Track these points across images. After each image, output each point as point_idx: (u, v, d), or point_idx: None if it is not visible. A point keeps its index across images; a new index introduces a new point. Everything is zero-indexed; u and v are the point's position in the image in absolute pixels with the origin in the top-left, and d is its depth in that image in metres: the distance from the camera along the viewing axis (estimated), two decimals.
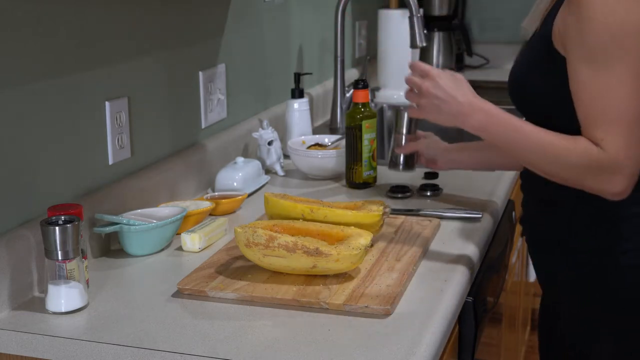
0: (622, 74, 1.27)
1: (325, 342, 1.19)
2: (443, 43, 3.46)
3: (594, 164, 1.31)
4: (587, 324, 1.48)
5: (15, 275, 1.32)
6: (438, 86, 1.43)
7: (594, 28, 1.27)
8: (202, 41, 1.94)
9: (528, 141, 1.37)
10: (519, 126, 1.38)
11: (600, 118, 1.29)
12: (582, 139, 1.32)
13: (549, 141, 1.35)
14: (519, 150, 1.39)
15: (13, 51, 1.34)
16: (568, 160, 1.33)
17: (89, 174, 1.55)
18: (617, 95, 1.28)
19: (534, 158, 1.38)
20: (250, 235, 1.37)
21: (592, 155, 1.30)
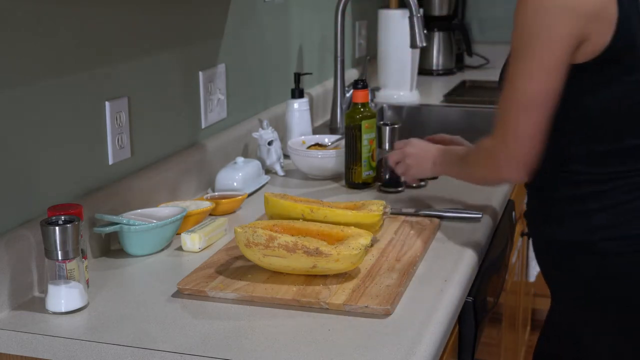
0: (524, 68, 1.39)
1: (325, 342, 1.19)
2: (443, 43, 3.46)
3: (486, 153, 1.48)
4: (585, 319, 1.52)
5: (15, 275, 1.32)
6: (415, 146, 1.74)
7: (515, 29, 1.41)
8: (202, 41, 1.94)
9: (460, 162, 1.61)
10: (457, 154, 1.62)
11: (502, 108, 1.44)
12: (483, 138, 1.49)
13: (466, 152, 1.59)
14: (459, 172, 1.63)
15: (13, 51, 1.34)
16: (474, 159, 1.54)
17: (89, 174, 1.55)
18: (515, 85, 1.41)
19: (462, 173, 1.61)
20: (250, 235, 1.37)
21: (484, 146, 1.48)
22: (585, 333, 1.53)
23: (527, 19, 1.37)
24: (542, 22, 1.36)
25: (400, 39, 2.75)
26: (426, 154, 1.70)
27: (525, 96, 1.39)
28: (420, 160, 1.70)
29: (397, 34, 2.80)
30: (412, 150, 1.72)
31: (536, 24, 1.36)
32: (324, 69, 2.75)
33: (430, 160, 1.68)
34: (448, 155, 1.65)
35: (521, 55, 1.39)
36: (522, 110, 1.40)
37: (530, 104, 1.39)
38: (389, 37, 2.85)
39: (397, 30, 2.79)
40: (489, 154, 1.47)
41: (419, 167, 1.71)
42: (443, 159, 1.66)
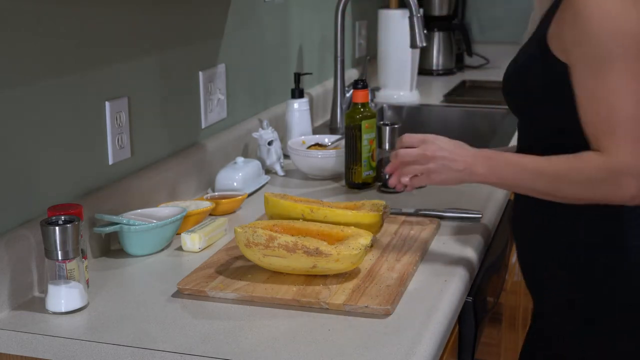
0: (622, 76, 1.27)
1: (325, 342, 1.19)
2: (443, 43, 3.46)
3: (606, 173, 1.30)
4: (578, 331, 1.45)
5: (15, 275, 1.32)
6: (441, 147, 1.43)
7: (592, 34, 1.28)
8: (202, 41, 1.94)
9: (538, 175, 1.37)
10: (522, 162, 1.39)
11: (607, 124, 1.29)
12: (586, 154, 1.32)
13: (557, 168, 1.35)
14: (531, 185, 1.38)
15: (13, 51, 1.34)
16: (581, 178, 1.33)
17: (89, 174, 1.55)
18: (620, 98, 1.28)
19: (549, 189, 1.37)
20: (250, 235, 1.37)
21: (602, 165, 1.30)
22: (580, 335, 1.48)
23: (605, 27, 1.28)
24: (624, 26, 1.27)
25: (400, 39, 2.75)
26: (457, 156, 1.42)
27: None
28: (449, 164, 1.42)
29: (397, 34, 2.80)
30: (437, 150, 1.43)
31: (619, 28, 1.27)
32: (324, 69, 2.75)
33: (462, 163, 1.41)
34: (503, 162, 1.40)
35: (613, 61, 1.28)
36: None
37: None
38: (389, 37, 2.85)
39: (397, 30, 2.79)
40: (614, 173, 1.30)
41: (445, 174, 1.43)
42: (491, 164, 1.41)
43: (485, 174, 1.40)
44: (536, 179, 1.37)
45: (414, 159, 1.44)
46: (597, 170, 1.31)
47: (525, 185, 1.39)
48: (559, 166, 1.35)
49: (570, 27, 1.30)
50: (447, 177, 1.43)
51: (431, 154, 1.43)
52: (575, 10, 1.29)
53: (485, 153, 1.42)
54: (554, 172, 1.35)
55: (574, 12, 1.29)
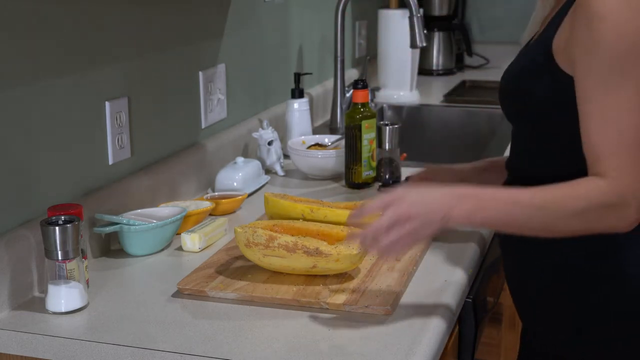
0: (634, 96, 1.19)
1: (325, 342, 1.19)
2: (443, 43, 3.46)
3: (605, 201, 1.20)
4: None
5: (15, 275, 1.32)
6: (413, 202, 1.23)
7: (605, 43, 1.19)
8: (202, 41, 1.94)
9: (529, 208, 1.23)
10: (511, 196, 1.24)
11: (614, 145, 1.20)
12: (582, 181, 1.22)
13: (551, 198, 1.22)
14: (522, 220, 1.24)
15: (13, 51, 1.34)
16: (577, 208, 1.21)
17: (89, 174, 1.55)
18: (629, 121, 1.19)
19: (542, 223, 1.24)
20: (250, 235, 1.37)
21: (600, 193, 1.20)
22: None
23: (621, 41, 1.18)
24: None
25: (400, 39, 2.75)
26: (433, 205, 1.23)
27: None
28: (429, 217, 1.22)
29: (397, 34, 2.80)
30: (410, 207, 1.22)
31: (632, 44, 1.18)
32: (324, 69, 2.75)
33: (439, 210, 1.22)
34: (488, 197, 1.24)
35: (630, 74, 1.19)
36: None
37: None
38: (389, 37, 2.85)
39: (397, 30, 2.79)
40: (613, 201, 1.20)
41: (427, 229, 1.23)
42: (474, 203, 1.23)
43: (469, 214, 1.23)
44: (530, 213, 1.23)
45: (389, 225, 1.22)
46: (600, 195, 1.20)
47: (517, 223, 1.24)
48: (554, 195, 1.22)
49: (580, 35, 1.21)
50: (429, 231, 1.23)
51: (405, 214, 1.21)
52: (588, 16, 1.20)
53: (464, 191, 1.25)
54: (549, 202, 1.22)
55: (587, 19, 1.20)
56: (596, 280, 1.33)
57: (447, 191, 1.24)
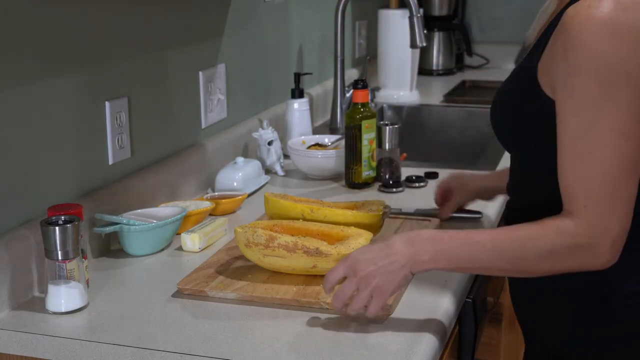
0: (607, 132, 1.13)
1: (325, 342, 1.19)
2: (443, 43, 3.46)
3: (571, 242, 1.16)
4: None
5: (15, 275, 1.32)
6: (368, 259, 1.22)
7: (580, 76, 1.13)
8: (202, 41, 1.94)
9: (492, 250, 1.20)
10: (475, 239, 1.21)
11: (583, 184, 1.15)
12: (550, 221, 1.18)
13: (515, 240, 1.19)
14: (486, 261, 1.21)
15: (13, 51, 1.34)
16: (543, 250, 1.18)
17: (89, 174, 1.55)
18: (601, 157, 1.13)
19: (510, 264, 1.21)
20: (250, 235, 1.37)
21: (567, 234, 1.16)
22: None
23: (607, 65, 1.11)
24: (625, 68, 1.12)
25: (400, 39, 2.75)
26: (391, 255, 1.21)
27: (627, 162, 1.13)
28: (389, 267, 1.20)
29: (397, 34, 2.80)
30: (367, 264, 1.21)
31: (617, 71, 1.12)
32: (324, 69, 2.75)
33: (401, 258, 1.20)
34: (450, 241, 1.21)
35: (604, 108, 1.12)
36: (624, 180, 1.14)
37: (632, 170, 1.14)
38: (389, 37, 2.85)
39: (397, 30, 2.79)
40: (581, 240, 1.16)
41: (392, 280, 1.21)
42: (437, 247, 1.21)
43: (433, 259, 1.20)
44: (494, 255, 1.20)
45: (352, 290, 1.22)
46: (566, 237, 1.16)
47: (483, 266, 1.22)
48: (518, 237, 1.19)
49: (558, 62, 1.16)
50: (396, 282, 1.21)
51: (365, 272, 1.21)
52: (565, 43, 1.14)
53: (424, 235, 1.22)
54: (513, 244, 1.19)
55: (564, 46, 1.14)
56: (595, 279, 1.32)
57: (404, 238, 1.22)
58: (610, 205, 1.15)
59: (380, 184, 1.92)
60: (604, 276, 1.27)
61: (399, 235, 1.24)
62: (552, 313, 1.37)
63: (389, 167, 1.94)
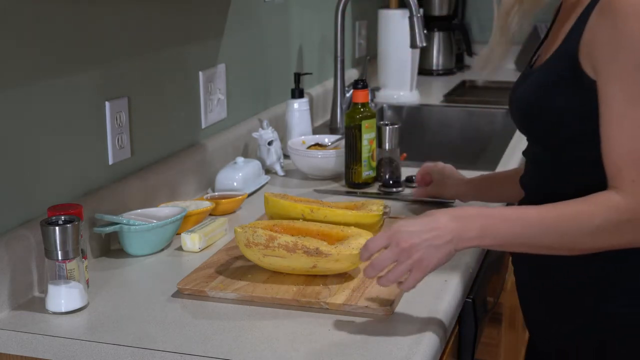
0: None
1: (325, 342, 1.19)
2: (443, 43, 3.46)
3: (620, 218, 1.15)
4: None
5: (15, 275, 1.32)
6: (413, 232, 1.18)
7: (630, 46, 1.13)
8: (202, 41, 1.94)
9: (540, 226, 1.18)
10: (522, 214, 1.20)
11: (631, 157, 1.14)
12: (597, 196, 1.18)
13: (563, 216, 1.17)
14: (536, 241, 1.20)
15: (13, 51, 1.34)
16: (591, 226, 1.16)
17: (89, 174, 1.55)
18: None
19: (555, 242, 1.19)
20: (250, 235, 1.37)
21: (615, 210, 1.15)
22: None
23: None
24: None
25: (400, 39, 2.75)
26: (437, 229, 1.19)
27: None
28: (434, 242, 1.18)
29: (397, 34, 2.80)
30: (412, 236, 1.18)
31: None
32: (324, 69, 2.75)
33: (447, 233, 1.18)
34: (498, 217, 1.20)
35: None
36: None
37: None
38: (389, 37, 2.85)
39: (397, 30, 2.79)
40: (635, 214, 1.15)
41: (436, 255, 1.18)
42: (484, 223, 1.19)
43: (479, 235, 1.19)
44: (542, 232, 1.18)
45: (393, 261, 1.20)
46: (614, 212, 1.15)
47: (529, 242, 1.20)
48: (567, 213, 1.17)
49: (603, 37, 1.16)
50: (439, 257, 1.19)
51: (408, 244, 1.18)
52: (612, 16, 1.15)
53: (471, 211, 1.21)
54: (561, 221, 1.17)
55: (611, 19, 1.15)
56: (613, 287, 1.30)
57: (452, 214, 1.20)
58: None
59: (380, 184, 1.92)
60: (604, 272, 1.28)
61: (444, 210, 1.22)
62: (555, 308, 1.37)
63: (389, 167, 1.94)
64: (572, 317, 1.34)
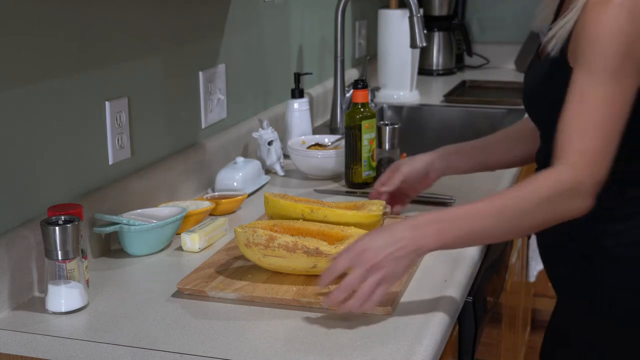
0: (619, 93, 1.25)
1: (325, 342, 1.19)
2: (443, 43, 3.46)
3: (562, 188, 1.24)
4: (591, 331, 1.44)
5: (15, 275, 1.32)
6: (376, 247, 1.22)
7: (591, 43, 1.25)
8: (202, 41, 1.94)
9: (491, 215, 1.24)
10: (470, 209, 1.25)
11: (581, 129, 1.25)
12: (540, 174, 1.26)
13: (510, 199, 1.25)
14: (489, 227, 1.25)
15: (13, 51, 1.34)
16: (538, 200, 1.24)
17: (89, 174, 1.55)
18: (604, 110, 1.24)
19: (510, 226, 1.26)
20: (250, 235, 1.37)
21: (558, 181, 1.24)
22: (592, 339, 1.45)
23: (618, 44, 1.23)
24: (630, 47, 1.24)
25: (400, 39, 2.75)
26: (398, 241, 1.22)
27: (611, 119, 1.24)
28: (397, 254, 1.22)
29: (397, 34, 2.80)
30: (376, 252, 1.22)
31: (626, 49, 1.24)
32: (324, 69, 2.75)
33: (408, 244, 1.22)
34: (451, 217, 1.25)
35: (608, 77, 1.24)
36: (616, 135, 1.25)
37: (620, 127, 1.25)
38: (389, 37, 2.85)
39: (397, 30, 2.79)
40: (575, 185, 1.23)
41: (400, 266, 1.23)
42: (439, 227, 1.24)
43: (437, 240, 1.24)
44: (494, 220, 1.24)
45: (361, 281, 1.22)
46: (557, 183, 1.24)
47: (487, 233, 1.27)
48: (513, 195, 1.25)
49: (578, 37, 1.29)
50: (405, 267, 1.23)
51: (373, 262, 1.21)
52: (583, 21, 1.27)
53: (427, 217, 1.25)
54: (510, 203, 1.24)
55: (583, 23, 1.27)
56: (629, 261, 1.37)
57: (409, 224, 1.24)
58: (602, 154, 1.24)
59: None
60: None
61: (403, 221, 1.26)
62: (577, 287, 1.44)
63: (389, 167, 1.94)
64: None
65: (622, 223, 1.38)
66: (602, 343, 1.43)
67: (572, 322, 1.48)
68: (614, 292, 1.38)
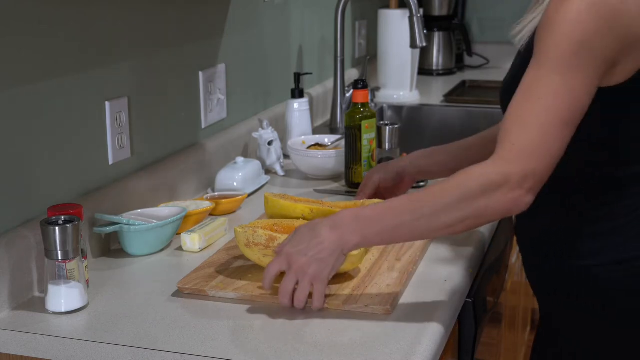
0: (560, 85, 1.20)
1: (325, 342, 1.19)
2: (443, 43, 3.46)
3: (485, 182, 1.19)
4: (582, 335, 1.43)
5: (15, 275, 1.32)
6: (298, 251, 1.25)
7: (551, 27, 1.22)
8: (202, 41, 1.94)
9: (408, 211, 1.22)
10: (392, 202, 1.25)
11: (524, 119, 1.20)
12: (467, 168, 1.22)
13: (433, 191, 1.22)
14: (409, 223, 1.22)
15: (13, 51, 1.34)
16: (457, 196, 1.19)
17: (89, 174, 1.55)
18: (549, 102, 1.20)
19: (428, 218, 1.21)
20: (250, 235, 1.37)
21: (481, 175, 1.20)
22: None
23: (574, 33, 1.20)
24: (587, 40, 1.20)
25: (400, 39, 2.75)
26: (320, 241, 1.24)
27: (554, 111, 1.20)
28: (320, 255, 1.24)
29: (397, 34, 2.80)
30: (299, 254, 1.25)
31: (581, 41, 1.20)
32: (324, 69, 2.75)
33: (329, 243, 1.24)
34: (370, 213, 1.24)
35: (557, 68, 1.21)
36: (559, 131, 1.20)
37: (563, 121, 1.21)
38: (389, 37, 2.85)
39: (397, 30, 2.79)
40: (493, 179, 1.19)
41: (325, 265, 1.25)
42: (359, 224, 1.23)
43: (360, 237, 1.24)
44: (416, 215, 1.21)
45: (294, 283, 1.26)
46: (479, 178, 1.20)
47: (409, 227, 1.23)
48: (431, 191, 1.22)
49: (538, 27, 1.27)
50: (331, 266, 1.25)
51: (299, 263, 1.24)
52: (545, 14, 1.25)
53: (347, 215, 1.25)
54: (427, 198, 1.22)
55: (545, 16, 1.25)
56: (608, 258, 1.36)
57: (331, 224, 1.25)
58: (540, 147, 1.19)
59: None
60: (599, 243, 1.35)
61: (325, 220, 1.26)
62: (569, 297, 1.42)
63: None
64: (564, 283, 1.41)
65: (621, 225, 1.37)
66: (595, 343, 1.42)
67: (563, 321, 1.47)
68: (607, 293, 1.38)
